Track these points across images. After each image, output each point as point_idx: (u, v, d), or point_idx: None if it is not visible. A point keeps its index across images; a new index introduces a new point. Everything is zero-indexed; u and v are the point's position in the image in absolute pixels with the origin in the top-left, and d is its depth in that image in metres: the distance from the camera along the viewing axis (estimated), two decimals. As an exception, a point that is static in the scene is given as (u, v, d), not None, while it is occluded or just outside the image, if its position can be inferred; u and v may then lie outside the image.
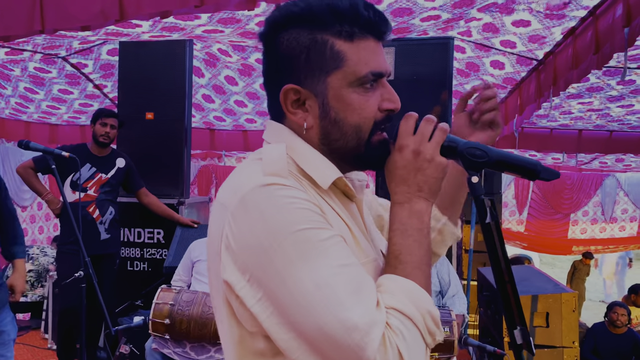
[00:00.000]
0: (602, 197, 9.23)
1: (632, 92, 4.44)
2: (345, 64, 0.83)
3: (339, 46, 0.83)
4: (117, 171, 3.81)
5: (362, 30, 0.84)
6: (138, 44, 4.07)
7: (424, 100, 3.91)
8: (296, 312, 0.73)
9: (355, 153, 0.87)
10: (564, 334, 3.68)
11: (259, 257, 0.75)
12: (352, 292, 0.73)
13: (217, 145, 6.60)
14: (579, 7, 3.14)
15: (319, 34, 0.83)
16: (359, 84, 0.84)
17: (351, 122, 0.85)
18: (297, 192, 0.78)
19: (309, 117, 0.86)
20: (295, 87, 0.85)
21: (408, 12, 3.03)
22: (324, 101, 0.85)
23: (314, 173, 0.85)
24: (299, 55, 0.84)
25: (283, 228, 0.74)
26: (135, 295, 3.94)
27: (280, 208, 0.76)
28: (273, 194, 0.76)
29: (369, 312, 0.72)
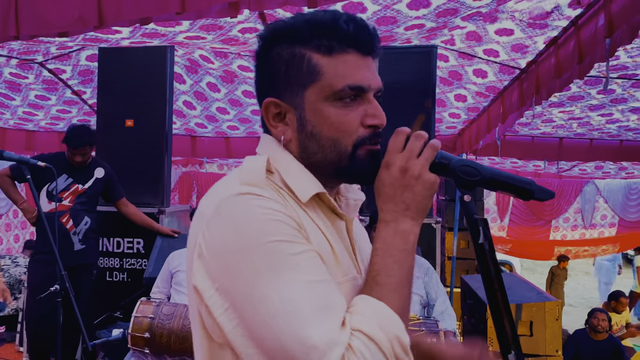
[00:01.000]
0: (582, 203, 9.35)
1: (612, 101, 4.49)
2: (322, 78, 0.83)
3: (317, 60, 0.83)
4: (95, 182, 3.72)
5: (342, 44, 0.83)
6: (118, 50, 4.00)
7: (407, 108, 3.91)
8: (259, 327, 0.71)
9: (336, 166, 0.86)
10: (548, 342, 3.69)
11: (228, 265, 0.73)
12: (317, 309, 0.71)
13: (199, 152, 6.52)
14: (561, 17, 3.16)
15: (298, 49, 0.84)
16: (335, 98, 0.83)
17: (328, 136, 0.84)
18: (272, 204, 0.77)
19: (288, 131, 0.86)
20: (276, 101, 0.86)
21: (392, 21, 3.02)
22: (301, 115, 0.85)
23: (295, 186, 0.84)
24: (279, 69, 0.85)
25: (254, 238, 0.73)
26: (114, 307, 3.84)
27: (253, 218, 0.75)
28: (247, 203, 0.76)
29: (331, 332, 0.70)
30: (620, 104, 4.53)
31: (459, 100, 4.83)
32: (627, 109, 4.65)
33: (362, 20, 0.86)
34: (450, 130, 5.79)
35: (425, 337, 2.63)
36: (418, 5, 2.79)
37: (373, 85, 0.85)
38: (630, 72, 3.84)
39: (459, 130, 5.80)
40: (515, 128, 5.42)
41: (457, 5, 2.84)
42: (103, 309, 3.84)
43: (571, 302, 11.10)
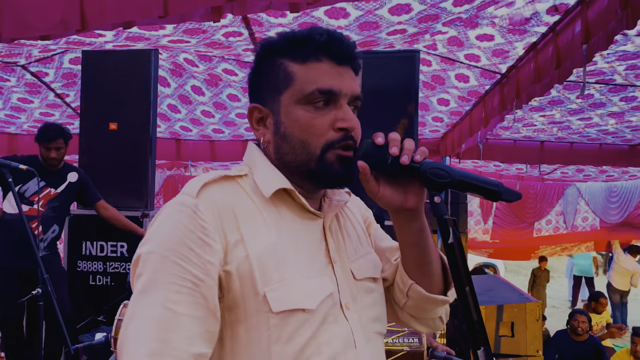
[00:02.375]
0: (564, 206, 9.47)
1: (591, 105, 4.57)
2: (294, 83, 0.89)
3: (291, 67, 0.90)
4: (68, 186, 3.71)
5: (316, 53, 0.88)
6: (102, 53, 3.99)
7: (390, 112, 3.95)
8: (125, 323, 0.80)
9: (306, 168, 0.90)
10: (529, 342, 3.75)
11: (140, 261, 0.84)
12: (135, 340, 0.77)
13: (184, 156, 6.51)
14: (539, 24, 3.22)
15: (278, 59, 0.92)
16: (306, 101, 0.88)
17: (297, 137, 0.89)
18: (188, 221, 0.83)
19: (268, 133, 0.93)
20: (258, 106, 0.94)
21: (374, 26, 3.06)
22: (277, 118, 0.91)
23: (261, 183, 0.90)
24: (262, 78, 0.94)
25: (149, 244, 0.83)
26: (97, 311, 3.82)
27: (161, 226, 0.84)
28: (170, 213, 0.85)
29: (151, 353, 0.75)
30: (598, 108, 4.62)
31: (442, 104, 4.89)
32: (606, 114, 4.74)
33: (340, 33, 0.91)
34: (434, 133, 5.85)
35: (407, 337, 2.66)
36: (399, 10, 2.83)
37: (344, 90, 0.88)
38: (607, 78, 3.92)
39: (442, 134, 5.86)
40: (497, 132, 5.50)
41: (438, 11, 2.88)
42: (86, 313, 3.82)
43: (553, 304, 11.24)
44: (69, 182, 3.72)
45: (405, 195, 0.93)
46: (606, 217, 9.32)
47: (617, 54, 3.50)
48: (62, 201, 3.68)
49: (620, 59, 3.57)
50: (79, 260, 4.07)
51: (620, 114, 4.70)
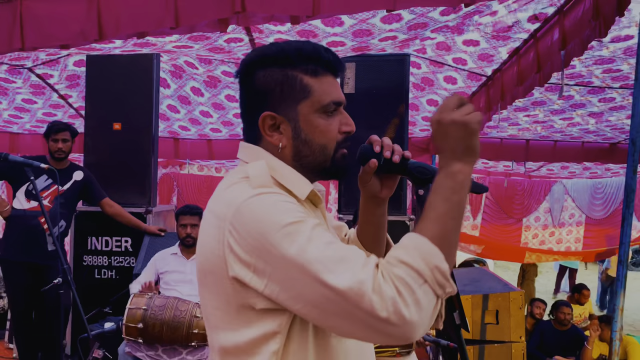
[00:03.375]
0: (551, 202, 9.70)
1: (572, 106, 4.82)
2: (312, 95, 1.03)
3: (307, 80, 1.03)
4: (74, 184, 3.86)
5: (324, 69, 1.04)
6: (105, 57, 4.16)
7: (382, 112, 4.17)
8: (301, 289, 0.88)
9: (322, 167, 1.06)
10: (512, 329, 3.98)
11: (260, 251, 0.91)
12: (338, 262, 0.87)
13: (181, 154, 6.69)
14: (521, 30, 3.45)
15: (290, 71, 1.02)
16: (323, 110, 1.04)
17: (318, 142, 1.04)
18: (281, 196, 0.96)
19: (283, 139, 1.04)
20: (272, 114, 1.03)
21: (367, 33, 3.27)
22: (295, 125, 1.04)
23: (293, 187, 1.03)
24: (274, 88, 1.03)
25: (273, 225, 0.91)
26: (103, 303, 4.00)
27: (270, 210, 0.93)
28: (263, 201, 0.94)
29: (354, 275, 0.86)
30: (579, 108, 4.87)
31: (431, 105, 5.12)
32: (586, 114, 4.99)
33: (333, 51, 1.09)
34: (424, 132, 6.08)
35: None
36: (391, 20, 3.04)
37: (343, 99, 1.09)
38: (586, 80, 4.16)
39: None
40: (485, 131, 5.73)
41: (427, 20, 3.10)
42: (92, 305, 4.00)
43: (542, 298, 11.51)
44: (74, 180, 3.89)
45: (382, 188, 1.16)
46: (591, 214, 9.57)
47: (594, 58, 3.73)
48: (67, 198, 3.83)
49: (597, 63, 3.81)
50: (85, 254, 4.24)
51: (600, 114, 4.96)
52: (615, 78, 4.07)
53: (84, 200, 4.09)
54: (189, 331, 3.02)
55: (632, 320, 8.99)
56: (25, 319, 3.85)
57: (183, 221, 3.50)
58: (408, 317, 0.83)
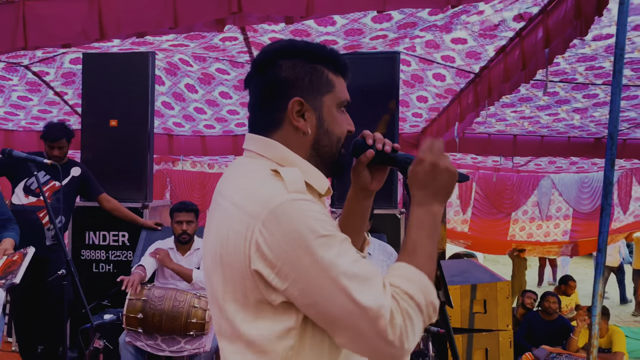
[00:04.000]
0: (539, 196, 9.88)
1: (557, 102, 4.95)
2: (335, 90, 1.12)
3: (331, 77, 1.12)
4: (72, 180, 3.93)
5: (341, 70, 1.15)
6: (101, 55, 4.24)
7: (373, 109, 4.28)
8: (321, 298, 0.94)
9: (333, 159, 1.15)
10: (500, 318, 4.12)
11: (288, 256, 0.95)
12: (364, 281, 0.95)
13: (175, 150, 6.76)
14: (507, 29, 3.57)
15: (317, 65, 1.11)
16: (340, 106, 1.14)
17: (336, 133, 1.14)
18: (316, 206, 1.00)
19: (308, 126, 1.10)
20: (301, 100, 1.08)
21: (359, 32, 3.37)
22: (320, 115, 1.11)
23: (315, 183, 1.10)
24: (303, 78, 1.09)
25: (310, 234, 0.95)
26: (101, 296, 4.07)
27: (306, 218, 0.97)
28: (300, 207, 0.97)
29: (377, 297, 0.94)
30: (564, 104, 5.00)
31: (421, 101, 5.24)
32: (571, 110, 5.13)
33: None
34: (414, 128, 6.21)
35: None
36: (381, 19, 3.15)
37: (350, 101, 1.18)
38: (570, 77, 4.30)
39: (422, 129, 6.22)
40: (473, 126, 5.86)
41: (416, 19, 3.21)
42: (90, 298, 4.08)
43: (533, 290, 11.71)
44: (72, 176, 3.97)
45: (372, 180, 1.25)
46: (579, 207, 9.76)
47: (577, 56, 3.86)
48: (66, 194, 3.90)
49: (580, 61, 3.94)
50: (83, 249, 4.32)
51: (584, 109, 5.10)
52: (598, 75, 4.21)
53: (81, 196, 4.17)
54: (187, 321, 3.13)
55: (619, 312, 9.21)
56: (25, 312, 3.93)
57: (179, 218, 3.56)
58: (406, 345, 0.94)
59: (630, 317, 9.11)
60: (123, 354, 3.26)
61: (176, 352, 3.21)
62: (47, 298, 3.62)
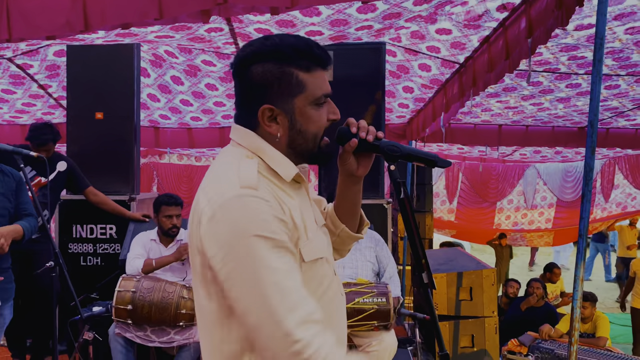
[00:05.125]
0: (524, 186, 10.01)
1: (541, 92, 5.02)
2: (307, 89, 1.14)
3: (301, 76, 1.13)
4: (58, 175, 3.90)
5: (315, 64, 1.16)
6: (86, 47, 4.21)
7: (359, 99, 4.31)
8: (246, 295, 1.00)
9: (311, 153, 1.19)
10: (485, 305, 4.19)
11: (227, 247, 1.02)
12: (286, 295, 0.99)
13: (162, 143, 6.74)
14: (491, 19, 3.60)
15: (286, 67, 1.12)
16: (315, 103, 1.16)
17: (311, 131, 1.16)
18: (264, 206, 1.04)
19: (280, 129, 1.15)
20: (270, 107, 1.13)
21: (344, 23, 3.39)
22: (292, 117, 1.14)
23: (280, 170, 1.14)
24: (273, 83, 1.12)
25: (247, 230, 1.01)
26: (89, 289, 4.08)
27: (247, 214, 1.02)
28: (246, 204, 1.03)
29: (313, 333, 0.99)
30: (548, 94, 5.07)
31: (407, 92, 5.27)
32: (554, 99, 5.20)
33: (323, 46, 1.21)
34: (400, 119, 6.24)
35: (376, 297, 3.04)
36: (366, 10, 3.17)
37: (331, 91, 1.21)
38: (553, 67, 4.35)
39: (408, 119, 6.26)
40: (458, 117, 5.91)
41: (400, 10, 3.23)
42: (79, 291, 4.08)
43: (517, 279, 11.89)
44: (58, 171, 3.93)
45: (358, 167, 1.29)
46: (562, 196, 9.91)
47: (560, 45, 3.91)
48: (52, 189, 3.87)
49: (563, 51, 3.99)
50: (70, 242, 4.32)
51: (567, 99, 5.17)
52: (580, 65, 4.27)
53: (68, 190, 4.15)
54: (176, 312, 3.15)
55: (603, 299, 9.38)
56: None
57: (169, 212, 3.54)
58: None
59: (614, 304, 9.30)
60: (113, 345, 3.27)
61: (166, 343, 3.22)
62: (36, 291, 3.61)
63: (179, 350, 3.29)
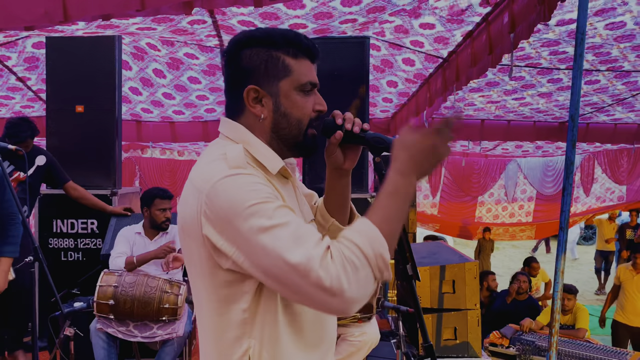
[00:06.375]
0: (506, 180, 10.13)
1: (523, 86, 5.06)
2: (292, 74, 1.16)
3: (288, 61, 1.15)
4: (37, 170, 3.84)
5: (302, 53, 1.17)
6: (65, 39, 4.13)
7: (343, 94, 4.30)
8: (260, 260, 1.01)
9: (296, 140, 1.19)
10: (468, 298, 4.22)
11: (230, 224, 1.03)
12: (295, 240, 1.00)
13: (144, 137, 6.67)
14: (474, 14, 3.62)
15: (274, 52, 1.15)
16: (300, 89, 1.17)
17: (295, 116, 1.17)
18: (253, 178, 1.07)
19: (265, 111, 1.16)
20: (256, 87, 1.15)
21: (328, 16, 3.38)
22: (276, 100, 1.16)
23: (266, 162, 1.15)
24: (260, 66, 1.15)
25: (241, 204, 1.02)
26: (71, 285, 4.03)
27: (239, 190, 1.04)
28: (236, 180, 1.05)
29: (306, 252, 0.99)
30: (529, 89, 5.12)
31: (391, 86, 5.28)
32: (536, 94, 5.25)
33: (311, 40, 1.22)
34: (384, 113, 6.25)
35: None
36: (350, 3, 3.16)
37: (318, 83, 1.21)
38: (535, 62, 4.40)
39: (392, 114, 6.27)
40: (442, 111, 5.94)
41: (384, 3, 3.23)
42: (59, 287, 4.02)
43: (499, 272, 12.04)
44: (37, 165, 3.86)
45: (345, 160, 1.30)
46: (543, 190, 10.05)
47: (542, 41, 3.95)
48: (30, 184, 3.81)
49: (545, 46, 4.03)
50: (50, 237, 4.25)
51: (549, 94, 5.23)
52: (562, 60, 4.32)
53: (47, 184, 4.09)
54: (159, 306, 3.12)
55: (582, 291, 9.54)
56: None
57: (162, 205, 3.52)
58: (348, 293, 0.96)
59: (593, 296, 9.47)
60: (94, 340, 3.23)
61: (148, 338, 3.20)
62: (15, 285, 3.55)
63: (162, 345, 3.26)
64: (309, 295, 0.98)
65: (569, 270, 11.31)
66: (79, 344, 3.46)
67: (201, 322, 1.17)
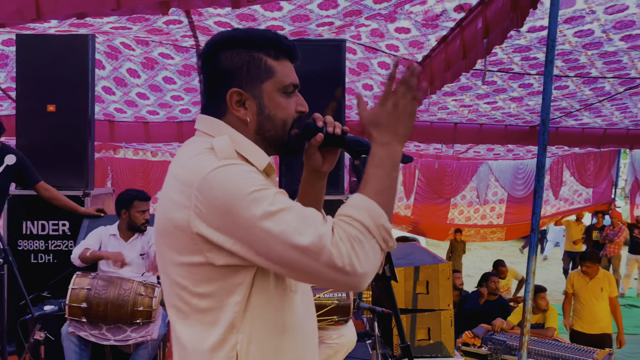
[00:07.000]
0: (477, 182, 10.32)
1: (495, 91, 5.17)
2: (275, 75, 1.15)
3: (270, 62, 1.14)
4: (6, 169, 3.75)
5: (283, 54, 1.16)
6: (37, 37, 4.04)
7: (320, 96, 4.32)
8: (266, 247, 0.99)
9: (281, 141, 1.19)
10: (441, 298, 4.28)
11: (227, 215, 1.01)
12: (300, 222, 0.99)
13: (117, 137, 6.57)
14: (448, 19, 3.68)
15: (255, 53, 1.13)
16: (283, 90, 1.16)
17: (280, 117, 1.17)
18: (244, 167, 1.07)
19: (249, 114, 1.15)
20: (239, 91, 1.13)
21: (305, 19, 3.39)
22: (260, 102, 1.15)
23: (252, 158, 1.14)
24: (241, 68, 1.13)
25: (240, 192, 1.00)
26: (41, 288, 3.94)
27: (235, 179, 1.02)
28: (229, 171, 1.03)
29: (316, 230, 0.98)
30: (501, 93, 5.23)
31: (367, 89, 5.33)
32: (508, 98, 5.37)
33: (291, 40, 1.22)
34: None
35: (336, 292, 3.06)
36: (327, 6, 3.18)
37: (298, 84, 1.21)
38: (507, 67, 4.49)
39: (367, 116, 6.32)
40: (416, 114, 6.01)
41: (361, 7, 3.26)
42: (29, 290, 3.93)
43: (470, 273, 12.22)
44: (6, 165, 3.77)
45: (324, 162, 1.30)
46: (513, 192, 10.26)
47: (514, 46, 4.04)
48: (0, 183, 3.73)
49: (516, 51, 4.13)
50: (20, 239, 4.15)
51: (520, 98, 5.35)
52: (533, 65, 4.42)
53: (17, 184, 3.99)
54: (133, 309, 3.08)
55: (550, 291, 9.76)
56: None
57: (142, 207, 3.49)
58: (359, 269, 0.97)
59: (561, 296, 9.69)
60: (66, 344, 3.17)
61: (122, 341, 3.16)
62: None
63: (136, 348, 3.23)
64: (322, 275, 0.98)
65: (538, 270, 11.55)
66: (50, 348, 3.38)
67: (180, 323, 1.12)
